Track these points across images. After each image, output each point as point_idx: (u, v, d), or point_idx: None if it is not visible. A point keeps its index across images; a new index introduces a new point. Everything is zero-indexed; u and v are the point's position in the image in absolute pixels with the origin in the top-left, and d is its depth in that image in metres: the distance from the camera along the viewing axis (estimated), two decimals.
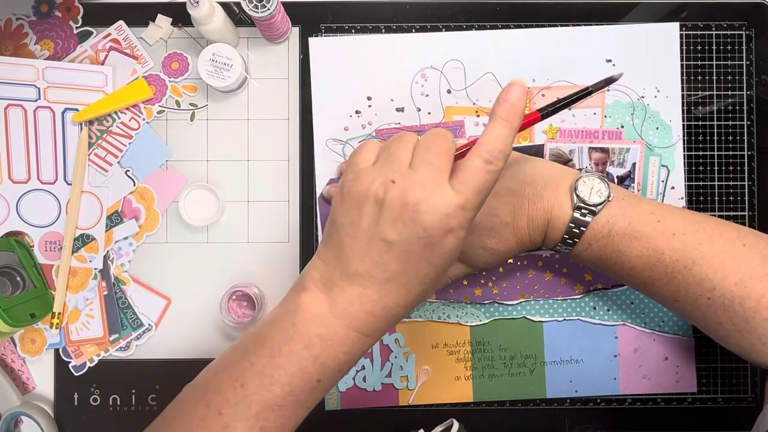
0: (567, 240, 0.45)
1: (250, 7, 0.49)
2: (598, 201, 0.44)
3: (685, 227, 0.43)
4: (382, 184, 0.37)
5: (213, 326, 0.55)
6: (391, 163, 0.38)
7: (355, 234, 0.37)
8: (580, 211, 0.44)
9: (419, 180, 0.36)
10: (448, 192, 0.36)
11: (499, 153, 0.37)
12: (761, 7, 0.56)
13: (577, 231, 0.44)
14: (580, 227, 0.44)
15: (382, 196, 0.36)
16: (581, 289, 0.55)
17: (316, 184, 0.55)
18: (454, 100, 0.55)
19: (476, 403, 0.55)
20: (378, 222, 0.36)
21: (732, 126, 0.56)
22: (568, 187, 0.45)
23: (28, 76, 0.55)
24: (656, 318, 0.55)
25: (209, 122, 0.56)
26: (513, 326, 0.55)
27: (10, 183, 0.55)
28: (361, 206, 0.37)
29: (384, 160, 0.39)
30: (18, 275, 0.53)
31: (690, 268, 0.43)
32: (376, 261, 0.37)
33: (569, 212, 0.44)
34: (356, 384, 0.55)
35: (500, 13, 0.56)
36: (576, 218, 0.44)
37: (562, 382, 0.55)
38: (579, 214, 0.44)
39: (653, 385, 0.55)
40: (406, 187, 0.36)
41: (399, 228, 0.36)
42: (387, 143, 0.40)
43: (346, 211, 0.38)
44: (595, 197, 0.44)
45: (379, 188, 0.37)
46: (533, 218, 0.45)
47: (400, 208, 0.36)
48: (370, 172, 0.38)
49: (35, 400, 0.55)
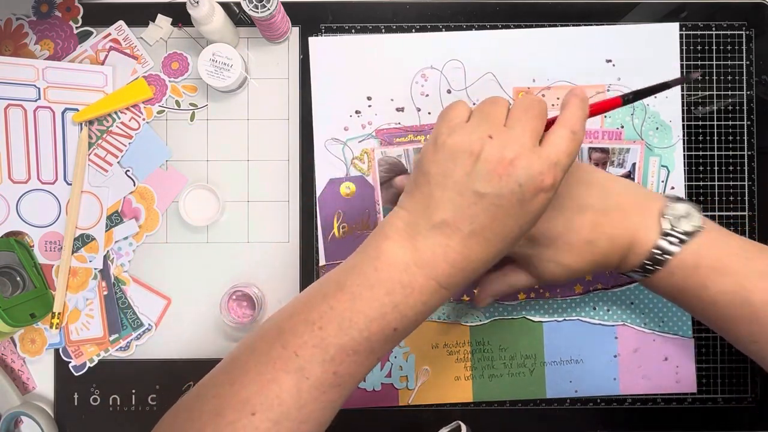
0: (647, 266, 0.43)
1: (250, 7, 0.49)
2: (689, 230, 0.42)
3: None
4: (479, 138, 0.38)
5: (213, 326, 0.55)
6: (488, 121, 0.39)
7: (447, 184, 0.38)
8: (668, 238, 0.43)
9: (516, 137, 0.37)
10: (542, 151, 0.38)
11: (580, 126, 0.39)
12: (761, 7, 0.56)
13: (661, 258, 0.43)
14: (665, 255, 0.43)
15: (478, 149, 0.37)
16: (581, 289, 0.55)
17: (316, 184, 0.55)
18: (454, 100, 0.55)
19: (476, 403, 0.55)
20: (472, 174, 0.37)
21: (732, 126, 0.56)
22: (657, 211, 0.44)
23: (28, 76, 0.55)
24: (656, 318, 0.55)
25: (209, 122, 0.56)
26: (513, 326, 0.55)
27: (10, 183, 0.55)
28: (455, 158, 0.38)
29: (480, 118, 0.39)
30: (18, 275, 0.53)
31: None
32: (464, 212, 0.37)
33: (655, 238, 0.43)
34: None
35: (500, 13, 0.56)
36: (662, 245, 0.43)
37: (562, 382, 0.55)
38: (666, 242, 0.43)
39: (653, 386, 0.55)
40: (504, 143, 0.37)
41: (493, 181, 0.37)
42: (480, 104, 0.41)
43: (439, 162, 0.39)
44: (686, 225, 0.43)
45: (476, 141, 0.38)
46: (614, 239, 0.44)
47: (496, 162, 0.37)
48: (467, 127, 0.39)
49: (35, 400, 0.55)
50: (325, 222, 0.55)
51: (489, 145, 0.37)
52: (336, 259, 0.55)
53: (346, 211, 0.55)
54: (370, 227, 0.55)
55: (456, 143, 0.38)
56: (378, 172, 0.55)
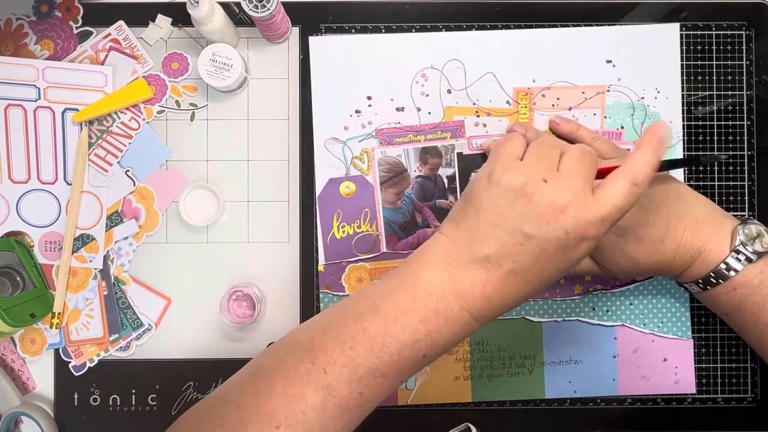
0: (711, 279, 0.45)
1: (250, 7, 0.49)
2: (760, 250, 0.44)
3: None
4: (534, 180, 0.38)
5: (213, 326, 0.55)
6: (542, 164, 0.39)
7: (496, 221, 0.38)
8: (738, 255, 0.44)
9: (569, 184, 0.38)
10: (593, 203, 0.38)
11: (645, 178, 0.38)
12: (761, 7, 0.56)
13: (726, 273, 0.44)
14: (730, 270, 0.44)
15: (531, 191, 0.38)
16: (580, 290, 0.55)
17: (316, 184, 0.55)
18: (454, 100, 0.55)
19: (475, 403, 0.55)
20: (522, 215, 0.38)
21: (732, 126, 0.56)
22: (730, 228, 0.45)
23: (28, 76, 0.55)
24: (655, 319, 0.55)
25: (209, 122, 0.56)
26: (512, 326, 0.55)
27: (10, 183, 0.55)
28: (508, 196, 0.38)
29: (534, 159, 0.40)
30: (18, 275, 0.53)
31: None
32: (509, 250, 0.38)
33: (725, 252, 0.44)
34: None
35: (500, 13, 0.56)
36: (730, 261, 0.44)
37: (561, 382, 0.55)
38: (735, 258, 0.44)
39: (652, 386, 0.55)
40: (557, 189, 0.37)
41: (542, 225, 0.37)
42: (534, 144, 0.41)
43: (491, 197, 0.39)
44: (757, 245, 0.44)
45: (530, 183, 0.38)
46: (684, 245, 0.45)
47: (548, 206, 0.37)
48: (522, 167, 0.39)
49: (35, 400, 0.55)
50: (324, 221, 0.55)
51: (543, 189, 0.38)
52: (335, 259, 0.55)
53: (346, 210, 0.55)
54: (369, 227, 0.55)
55: (510, 182, 0.38)
56: (378, 172, 0.55)
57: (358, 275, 0.55)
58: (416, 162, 0.55)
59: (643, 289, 0.55)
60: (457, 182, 0.55)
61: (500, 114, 0.55)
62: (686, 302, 0.55)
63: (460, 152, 0.55)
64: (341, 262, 0.55)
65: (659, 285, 0.55)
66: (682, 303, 0.55)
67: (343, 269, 0.55)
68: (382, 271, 0.55)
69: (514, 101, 0.55)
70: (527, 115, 0.55)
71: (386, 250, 0.55)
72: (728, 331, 0.55)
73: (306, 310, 0.55)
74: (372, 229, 0.55)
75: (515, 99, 0.55)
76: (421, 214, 0.55)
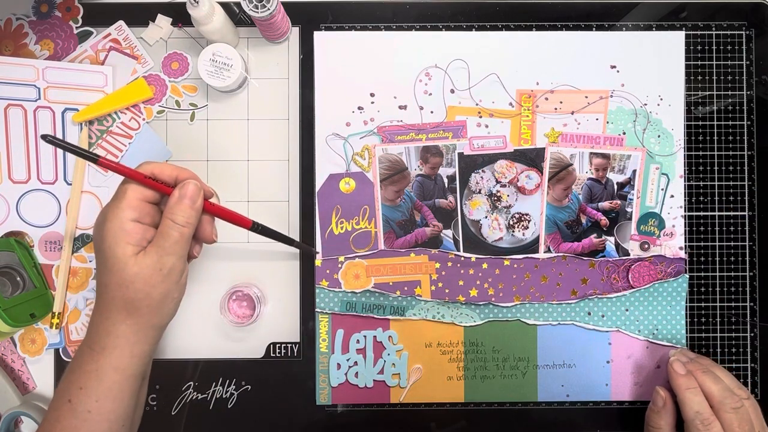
0: None
1: (250, 7, 0.49)
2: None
3: None
4: None
5: (213, 326, 0.55)
6: None
7: None
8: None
9: None
10: None
11: None
12: (761, 7, 0.56)
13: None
14: None
15: None
16: (576, 295, 0.55)
17: (316, 184, 0.55)
18: (457, 100, 0.55)
19: (467, 404, 0.56)
20: None
21: (732, 126, 0.56)
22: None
23: (28, 76, 0.55)
24: (650, 326, 0.55)
25: (209, 122, 0.56)
26: (507, 328, 0.55)
27: (10, 183, 0.55)
28: None
29: None
30: (18, 275, 0.53)
31: None
32: None
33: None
34: (348, 380, 0.55)
35: (500, 13, 0.56)
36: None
37: (554, 386, 0.55)
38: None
39: (644, 393, 0.55)
40: None
41: None
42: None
43: None
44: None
45: None
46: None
47: None
48: None
49: (35, 400, 0.55)
50: (323, 217, 0.55)
51: None
52: (333, 255, 0.55)
53: (345, 206, 0.55)
54: (368, 224, 0.55)
55: None
56: (378, 169, 0.55)
57: (355, 271, 0.55)
58: (417, 160, 0.55)
59: (639, 295, 0.55)
60: (457, 182, 0.55)
61: (502, 116, 0.55)
62: (681, 310, 0.55)
63: (462, 152, 0.55)
64: (338, 257, 0.55)
65: (655, 292, 0.55)
66: (677, 311, 0.55)
67: (341, 265, 0.55)
68: (379, 268, 0.55)
69: (517, 103, 0.55)
70: (529, 117, 0.55)
71: (384, 248, 0.55)
72: (727, 331, 0.55)
73: (306, 310, 0.55)
74: (370, 226, 0.55)
75: (518, 101, 0.55)
76: (420, 212, 0.55)
